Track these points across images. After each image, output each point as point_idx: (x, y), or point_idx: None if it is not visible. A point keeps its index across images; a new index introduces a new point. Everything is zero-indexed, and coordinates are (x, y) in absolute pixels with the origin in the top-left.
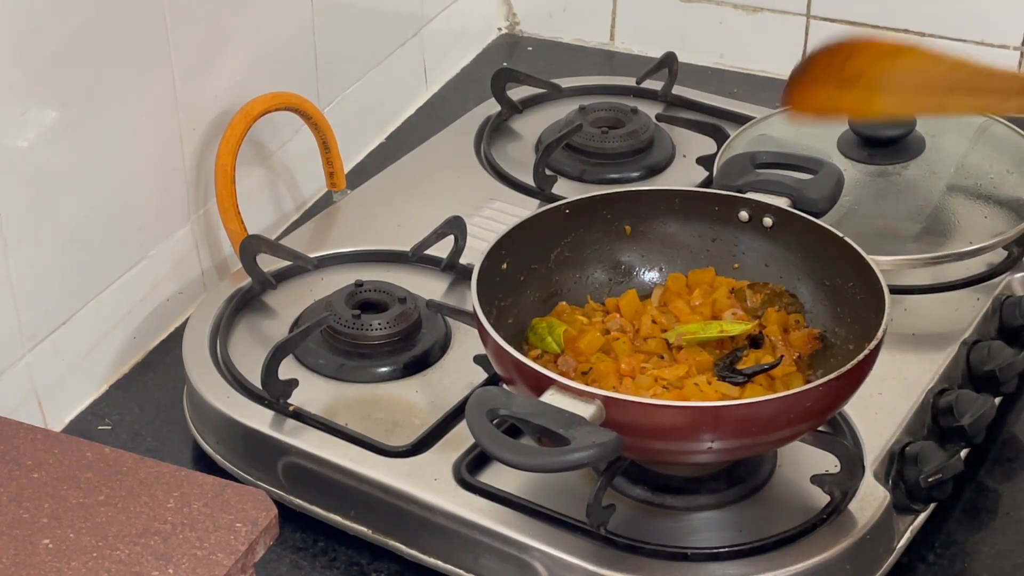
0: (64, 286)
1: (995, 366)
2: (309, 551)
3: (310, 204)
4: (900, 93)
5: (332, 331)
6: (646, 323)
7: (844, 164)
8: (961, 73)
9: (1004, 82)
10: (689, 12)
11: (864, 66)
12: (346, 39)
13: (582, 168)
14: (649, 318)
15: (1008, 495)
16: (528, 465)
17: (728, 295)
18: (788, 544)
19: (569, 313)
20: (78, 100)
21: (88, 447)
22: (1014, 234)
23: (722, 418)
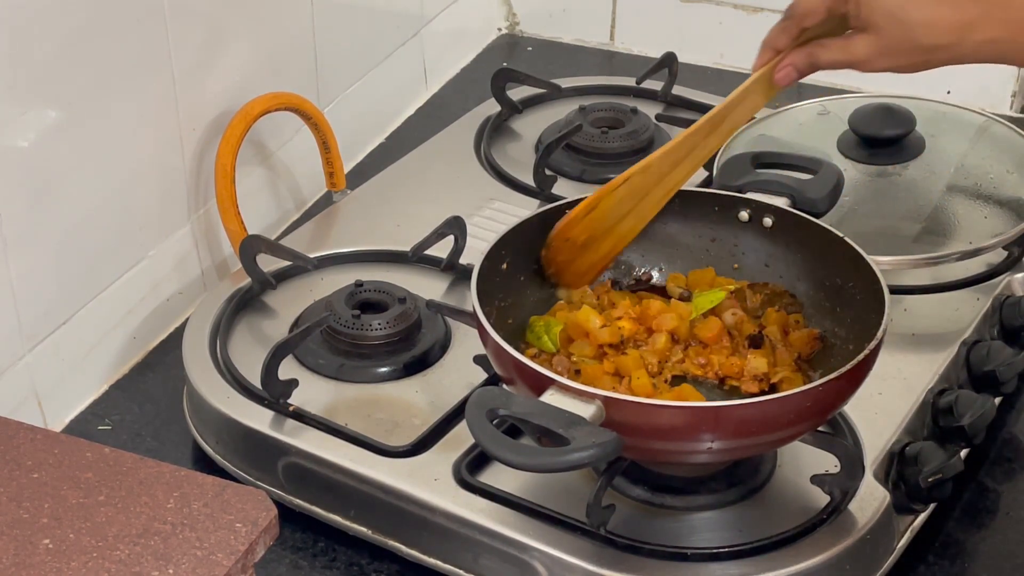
0: (64, 286)
1: (995, 366)
2: (309, 551)
3: (310, 204)
4: (630, 213)
5: (332, 331)
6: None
7: (844, 164)
8: (653, 169)
9: (691, 142)
10: (689, 12)
11: (582, 230)
12: (346, 39)
13: (582, 168)
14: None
15: (1008, 495)
16: (528, 465)
17: (728, 295)
18: (788, 544)
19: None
20: (78, 100)
21: (88, 447)
22: (1014, 234)
23: (722, 418)
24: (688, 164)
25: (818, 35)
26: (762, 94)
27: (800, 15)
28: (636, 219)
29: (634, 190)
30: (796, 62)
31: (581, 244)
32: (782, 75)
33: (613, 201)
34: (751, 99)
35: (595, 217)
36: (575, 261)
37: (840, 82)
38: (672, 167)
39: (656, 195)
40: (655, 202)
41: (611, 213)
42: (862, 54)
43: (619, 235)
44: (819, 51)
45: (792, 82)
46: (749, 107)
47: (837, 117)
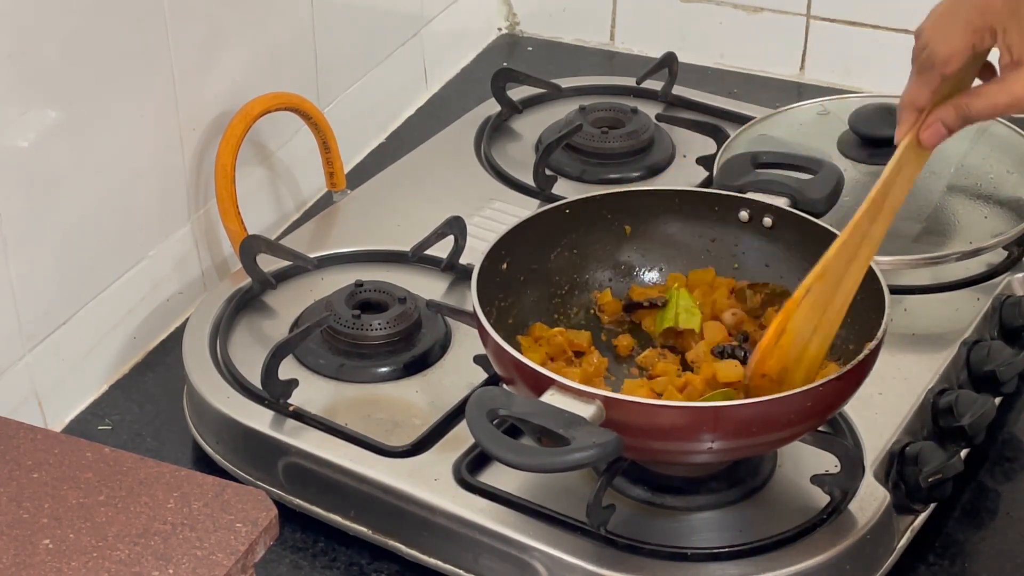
0: (64, 286)
1: (995, 366)
2: (309, 551)
3: (310, 204)
4: (818, 330)
5: (332, 331)
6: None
7: (844, 164)
8: (830, 274)
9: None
10: (689, 12)
11: (776, 362)
12: (346, 39)
13: (582, 168)
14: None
15: (1008, 495)
16: (528, 465)
17: (728, 295)
18: (788, 544)
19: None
20: (78, 100)
21: (88, 447)
22: (1014, 234)
23: (722, 418)
24: (861, 260)
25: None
26: (915, 162)
27: (942, 62)
28: (822, 339)
29: (816, 301)
30: (944, 119)
31: (777, 379)
32: (929, 135)
33: (801, 319)
34: (906, 171)
35: (785, 343)
36: (780, 388)
37: (840, 82)
38: (846, 267)
39: (836, 304)
40: (836, 313)
41: (800, 334)
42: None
43: (810, 361)
44: (971, 101)
45: (941, 141)
46: (906, 179)
47: (837, 117)
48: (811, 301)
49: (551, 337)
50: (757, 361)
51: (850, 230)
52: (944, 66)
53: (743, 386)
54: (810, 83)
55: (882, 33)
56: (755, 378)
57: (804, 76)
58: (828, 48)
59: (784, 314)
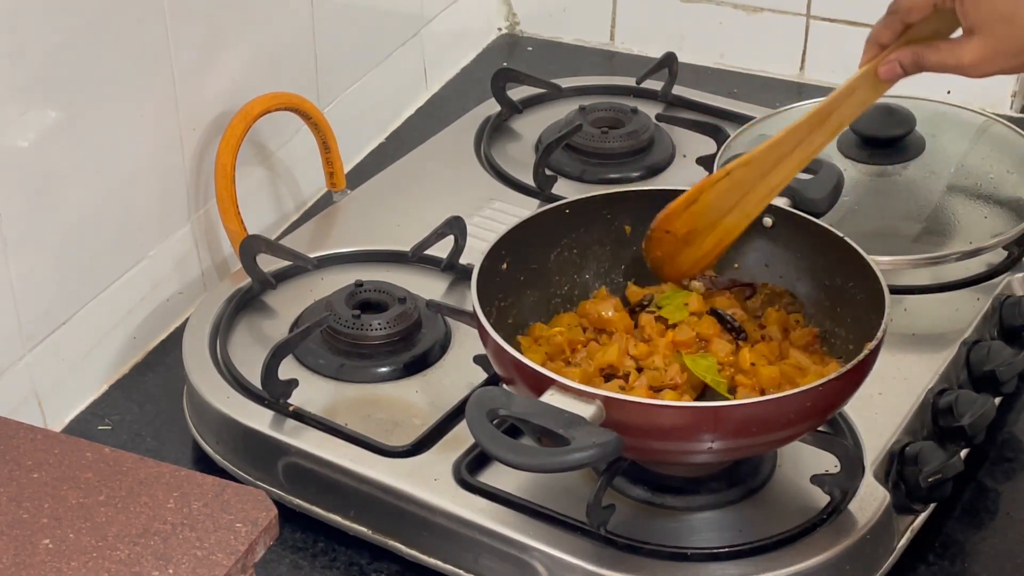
0: (64, 286)
1: (995, 366)
2: (309, 551)
3: (310, 204)
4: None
5: (332, 331)
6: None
7: (844, 164)
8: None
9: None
10: (689, 12)
11: (683, 223)
12: (346, 39)
13: (582, 168)
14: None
15: (1008, 495)
16: (528, 465)
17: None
18: (788, 544)
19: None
20: (78, 100)
21: (88, 447)
22: (1014, 234)
23: (722, 418)
24: (792, 161)
25: (921, 34)
26: (870, 90)
27: (905, 9)
28: (740, 215)
29: (736, 184)
30: (902, 59)
31: (682, 238)
32: (886, 69)
33: (714, 195)
34: (858, 94)
35: (696, 211)
36: (677, 256)
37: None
38: (776, 162)
39: (760, 192)
40: (759, 199)
41: (713, 207)
42: (971, 57)
43: (723, 230)
44: (926, 51)
45: (896, 79)
46: (856, 103)
47: None
48: (731, 183)
49: (551, 337)
50: (662, 218)
51: (788, 130)
52: (906, 14)
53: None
54: (810, 83)
55: None
56: (658, 231)
57: (804, 76)
58: (828, 48)
59: (698, 186)
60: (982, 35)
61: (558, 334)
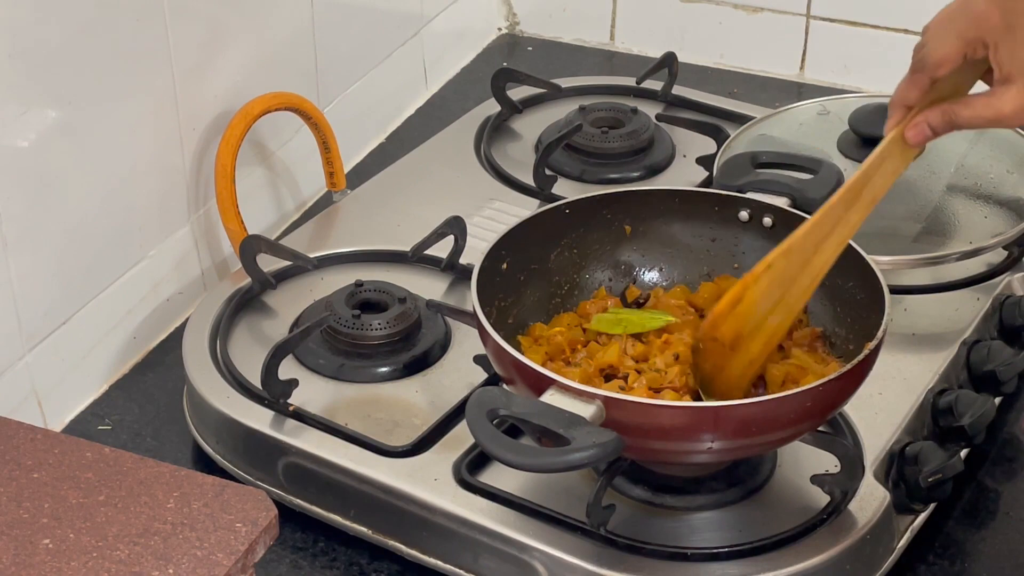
0: (64, 286)
1: (995, 366)
2: (309, 551)
3: (310, 204)
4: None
5: (332, 331)
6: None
7: (844, 164)
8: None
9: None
10: (689, 12)
11: (729, 328)
12: (346, 39)
13: (582, 168)
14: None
15: (1008, 495)
16: (528, 465)
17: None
18: (788, 544)
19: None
20: (78, 100)
21: (88, 447)
22: (1014, 234)
23: (722, 418)
24: (831, 244)
25: (943, 92)
26: (899, 157)
27: (933, 65)
28: (785, 313)
29: (778, 277)
30: (931, 120)
31: (730, 344)
32: (914, 133)
33: (759, 291)
34: (888, 164)
35: (742, 312)
36: (726, 367)
37: (840, 82)
38: (815, 248)
39: (802, 283)
40: (802, 291)
41: (758, 305)
42: (1011, 107)
43: (768, 332)
44: (958, 109)
45: (926, 142)
46: (888, 172)
47: (837, 117)
48: (772, 276)
49: (551, 337)
50: (709, 324)
51: (823, 212)
52: (935, 69)
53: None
54: (810, 83)
55: (882, 33)
56: (706, 340)
57: (804, 76)
58: (828, 48)
59: (741, 284)
60: (1021, 82)
61: (558, 334)
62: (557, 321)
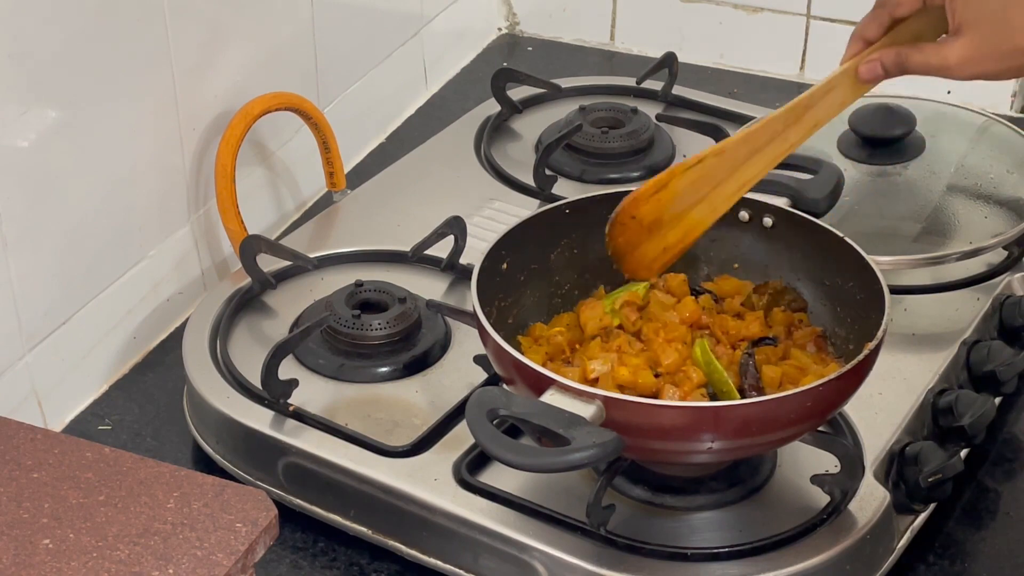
0: (64, 286)
1: (995, 366)
2: (309, 551)
3: (310, 204)
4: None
5: (332, 331)
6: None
7: (844, 164)
8: (728, 154)
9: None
10: (689, 12)
11: (649, 210)
12: (346, 39)
13: (582, 168)
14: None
15: (1008, 495)
16: (528, 465)
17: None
18: (788, 544)
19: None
20: (78, 100)
21: (88, 447)
22: (1014, 234)
23: (722, 418)
24: (765, 157)
25: (905, 35)
26: (849, 89)
27: (893, 3)
28: (707, 209)
29: (707, 174)
30: (884, 59)
31: (648, 226)
32: (867, 68)
33: (684, 182)
34: (837, 92)
35: (664, 197)
36: (640, 246)
37: None
38: (748, 156)
39: (729, 187)
40: (728, 195)
41: (681, 196)
42: (956, 58)
43: (689, 224)
44: (910, 52)
45: (878, 79)
46: (835, 101)
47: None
48: (701, 171)
49: (551, 337)
50: (629, 201)
51: (763, 123)
52: (895, 8)
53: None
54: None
55: None
56: (624, 215)
57: (804, 76)
58: (828, 48)
59: (668, 172)
60: (970, 34)
61: (558, 334)
62: (557, 321)
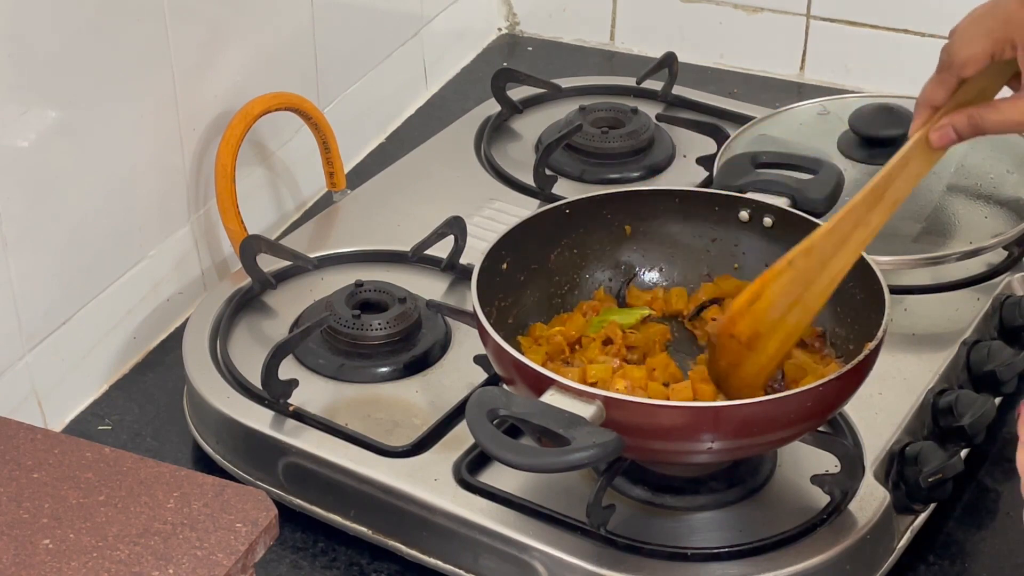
0: (64, 286)
1: (995, 366)
2: (309, 551)
3: (310, 204)
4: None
5: (332, 331)
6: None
7: (844, 164)
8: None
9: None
10: (689, 12)
11: (747, 325)
12: (346, 39)
13: (582, 168)
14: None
15: (1008, 495)
16: (528, 465)
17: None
18: (788, 544)
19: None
20: (78, 100)
21: (88, 447)
22: (1014, 234)
23: (722, 418)
24: (851, 245)
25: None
26: (923, 159)
27: (959, 64)
28: (802, 312)
29: (798, 276)
30: (956, 124)
31: (747, 342)
32: (938, 136)
33: (777, 289)
34: (912, 165)
35: (760, 309)
36: (743, 365)
37: (840, 82)
38: (836, 249)
39: (821, 283)
40: (820, 292)
41: (776, 304)
42: None
43: (786, 331)
44: (984, 112)
45: (950, 145)
46: (911, 174)
47: (837, 117)
48: (793, 274)
49: (551, 337)
50: (727, 320)
51: (844, 212)
52: (961, 69)
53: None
54: (810, 83)
55: (882, 33)
56: (723, 336)
57: (804, 76)
58: (828, 48)
59: (760, 281)
60: None
61: (558, 334)
62: (557, 321)
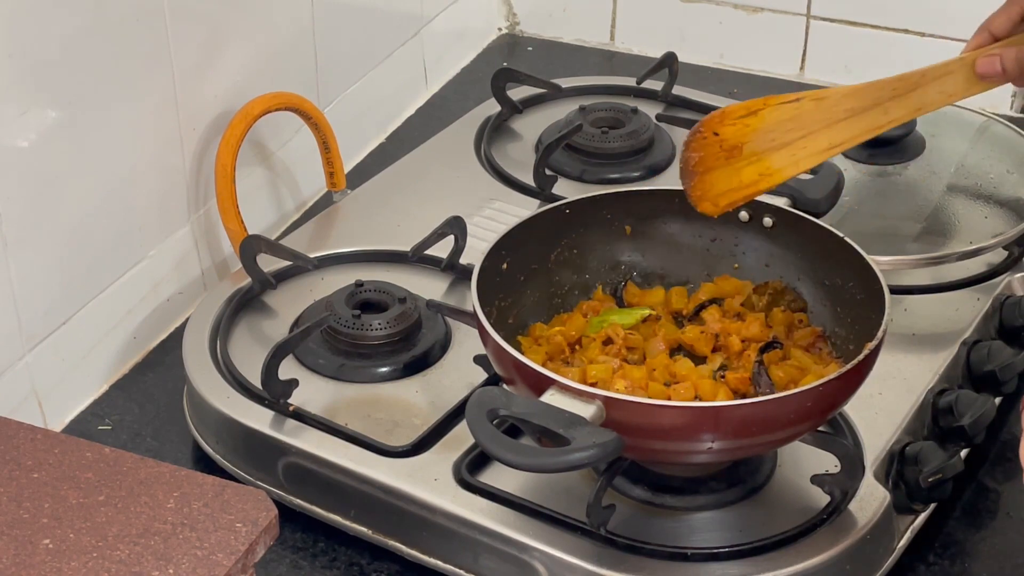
0: (64, 286)
1: (995, 366)
2: (309, 551)
3: (310, 204)
4: (786, 147)
5: (332, 331)
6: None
7: (844, 164)
8: (827, 104)
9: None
10: (689, 12)
11: (734, 132)
12: (346, 39)
13: (582, 168)
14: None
15: (1008, 495)
16: (528, 465)
17: (740, 305)
18: (788, 544)
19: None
20: (78, 100)
21: (88, 447)
22: (1014, 234)
23: (722, 418)
24: (862, 122)
25: None
26: (963, 80)
27: None
28: (789, 159)
29: (801, 115)
30: (1005, 57)
31: (727, 149)
32: (985, 63)
33: (775, 116)
34: (949, 80)
35: (751, 123)
36: (714, 171)
37: (840, 82)
38: (846, 115)
39: (818, 142)
40: (814, 150)
41: (769, 130)
42: None
43: (766, 168)
44: None
45: (994, 76)
46: (945, 89)
47: None
48: (796, 111)
49: (551, 337)
50: (720, 114)
51: (869, 84)
52: None
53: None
54: (810, 83)
55: (882, 33)
56: (707, 129)
57: (804, 76)
58: (828, 48)
59: (763, 100)
60: None
61: (558, 334)
62: (557, 321)
